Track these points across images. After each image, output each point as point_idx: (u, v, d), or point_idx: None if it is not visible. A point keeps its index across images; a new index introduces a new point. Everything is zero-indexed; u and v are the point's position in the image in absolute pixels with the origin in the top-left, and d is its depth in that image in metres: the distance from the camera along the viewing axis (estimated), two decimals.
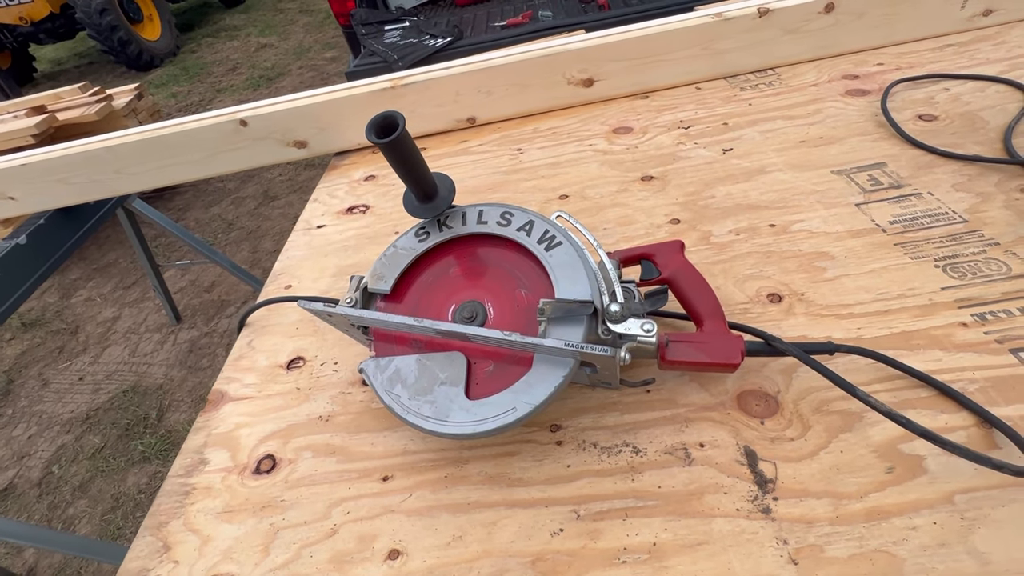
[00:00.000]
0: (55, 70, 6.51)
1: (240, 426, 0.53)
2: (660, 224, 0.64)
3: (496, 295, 0.45)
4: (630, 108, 0.88)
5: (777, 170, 0.68)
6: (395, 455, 0.47)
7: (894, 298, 0.49)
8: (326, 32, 5.64)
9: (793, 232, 0.59)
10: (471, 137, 0.91)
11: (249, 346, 0.62)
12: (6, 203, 0.99)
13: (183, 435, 1.83)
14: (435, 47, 1.80)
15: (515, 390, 0.40)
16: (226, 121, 0.89)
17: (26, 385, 2.20)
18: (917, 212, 0.57)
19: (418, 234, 0.49)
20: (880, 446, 0.40)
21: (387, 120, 0.40)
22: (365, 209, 0.80)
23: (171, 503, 0.47)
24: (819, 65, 0.87)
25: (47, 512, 1.69)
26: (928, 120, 0.70)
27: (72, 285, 2.71)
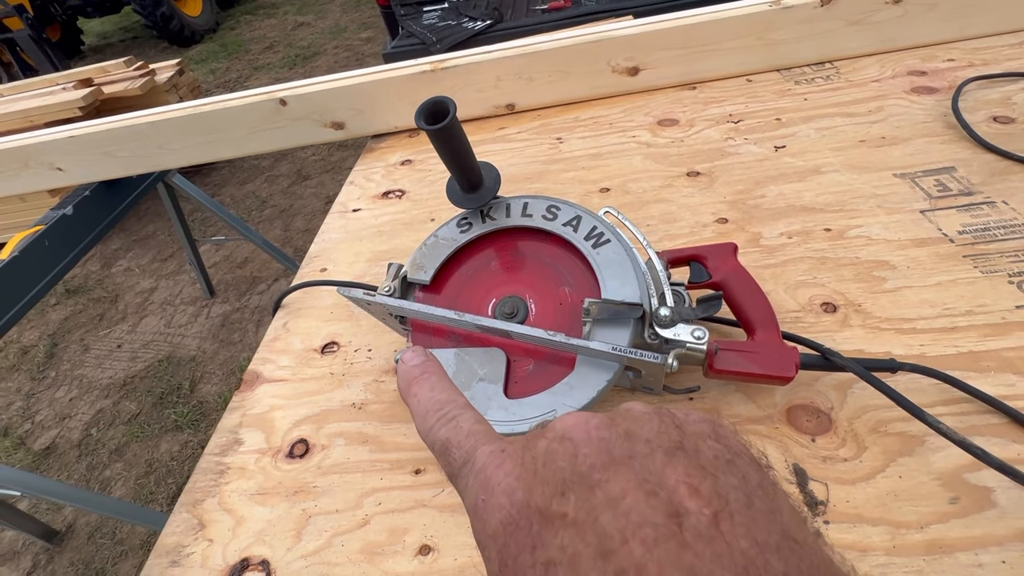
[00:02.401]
0: (101, 43, 6.69)
1: (274, 408, 0.53)
2: (706, 223, 0.62)
3: (538, 291, 0.44)
4: (676, 99, 0.85)
5: (834, 171, 0.64)
6: (427, 448, 0.46)
7: (962, 315, 0.46)
8: (362, 12, 5.64)
9: (850, 238, 0.56)
10: (509, 124, 0.89)
11: (284, 328, 0.62)
12: (54, 174, 1.02)
13: (214, 406, 1.89)
14: (474, 30, 1.77)
15: (556, 392, 0.39)
16: (266, 100, 0.89)
17: (68, 349, 2.30)
18: (990, 222, 0.53)
19: (460, 224, 0.48)
20: (943, 474, 0.37)
21: (437, 106, 0.38)
22: (401, 194, 0.79)
23: (207, 481, 0.48)
24: (882, 59, 0.82)
25: (85, 472, 1.77)
26: (1004, 122, 0.65)
27: (113, 255, 2.81)
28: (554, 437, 0.19)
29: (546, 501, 0.17)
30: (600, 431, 0.19)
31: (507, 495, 0.18)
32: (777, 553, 0.15)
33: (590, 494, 0.17)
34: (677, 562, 0.14)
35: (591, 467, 0.17)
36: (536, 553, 0.16)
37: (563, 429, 0.19)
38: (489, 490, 0.19)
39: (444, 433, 0.22)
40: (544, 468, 0.18)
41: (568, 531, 0.16)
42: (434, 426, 0.23)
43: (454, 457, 0.21)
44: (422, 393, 0.24)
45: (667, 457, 0.17)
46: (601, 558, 0.15)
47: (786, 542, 0.15)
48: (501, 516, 0.18)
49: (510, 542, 0.17)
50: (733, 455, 0.18)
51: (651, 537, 0.15)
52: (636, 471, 0.17)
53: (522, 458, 0.19)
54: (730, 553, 0.14)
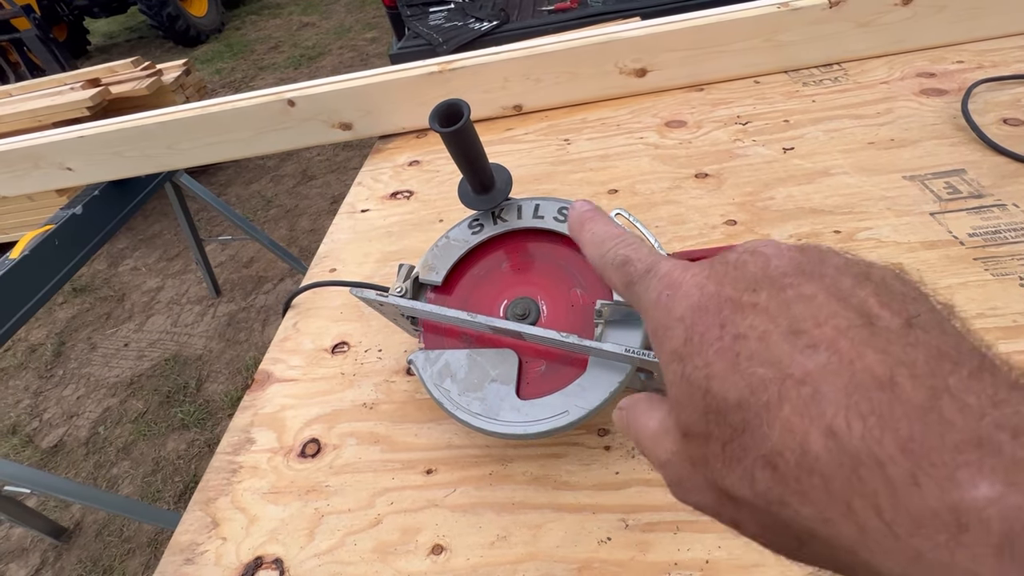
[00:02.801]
0: (107, 43, 6.73)
1: (286, 408, 0.53)
2: (715, 225, 0.62)
3: (550, 293, 0.44)
4: (684, 101, 0.85)
5: (843, 173, 0.64)
6: (439, 448, 0.46)
7: (973, 317, 0.46)
8: (367, 12, 5.65)
9: (860, 240, 0.56)
10: (517, 125, 0.89)
11: (295, 328, 0.63)
12: (64, 173, 1.03)
13: (220, 405, 1.90)
14: (480, 31, 1.78)
15: (568, 393, 0.39)
16: (274, 100, 0.90)
17: (76, 348, 2.31)
18: (1000, 225, 0.53)
19: (471, 226, 0.48)
20: None
21: (452, 108, 0.38)
22: (409, 195, 0.80)
23: (219, 480, 0.48)
24: (891, 61, 0.81)
25: (93, 470, 1.78)
26: (1014, 125, 0.65)
27: (120, 254, 2.82)
28: (744, 250, 0.20)
29: (737, 293, 0.18)
30: (791, 251, 0.19)
31: (697, 287, 0.19)
32: (971, 353, 0.15)
33: (781, 292, 0.17)
34: (870, 343, 0.15)
35: (782, 274, 0.18)
36: (725, 329, 0.17)
37: (754, 245, 0.20)
38: (676, 286, 0.19)
39: (624, 251, 0.23)
40: (735, 271, 0.19)
41: (759, 315, 0.17)
42: (613, 247, 0.24)
43: (635, 268, 0.22)
44: (598, 227, 0.26)
45: (856, 280, 0.17)
46: (792, 335, 0.16)
47: (979, 349, 0.15)
48: (690, 302, 0.18)
49: (697, 321, 0.18)
50: (919, 294, 0.17)
51: (844, 324, 0.15)
52: (827, 283, 0.17)
53: (711, 265, 0.20)
54: (924, 344, 0.14)
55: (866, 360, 0.14)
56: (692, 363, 0.18)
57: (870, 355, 0.14)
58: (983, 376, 0.14)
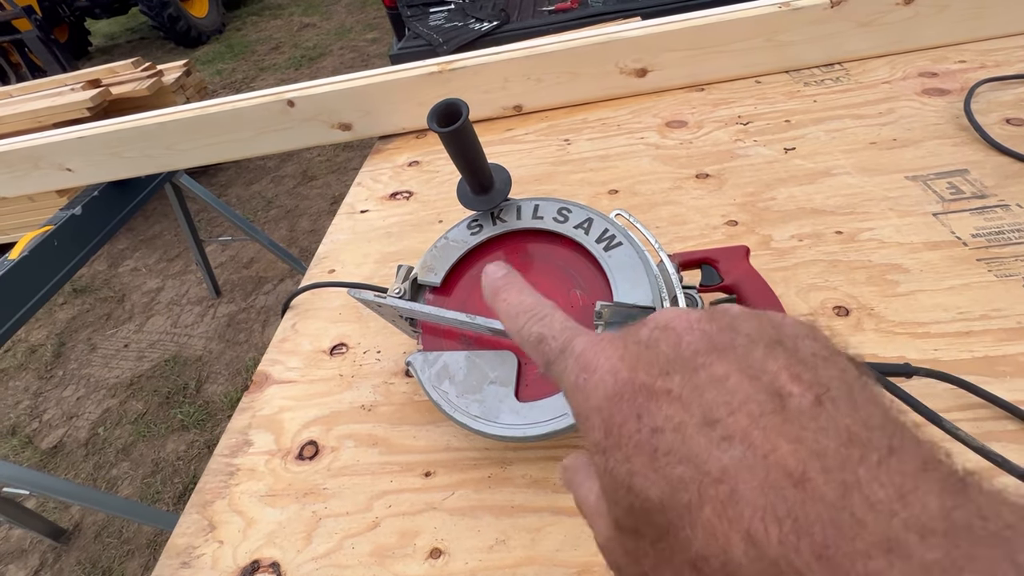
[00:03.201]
0: (108, 44, 6.73)
1: (284, 409, 0.53)
2: (716, 225, 0.61)
3: (549, 294, 0.43)
4: (685, 101, 0.84)
5: (844, 173, 0.64)
6: (437, 451, 0.46)
7: (977, 319, 0.46)
8: (368, 13, 5.65)
9: (862, 241, 0.55)
10: (517, 125, 0.89)
11: (293, 329, 0.62)
12: (64, 174, 1.03)
13: (220, 406, 1.90)
14: (481, 31, 1.78)
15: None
16: (274, 101, 0.90)
17: (76, 348, 2.31)
18: (1004, 226, 0.53)
19: (470, 226, 0.48)
20: None
21: (450, 108, 0.38)
22: (409, 195, 0.79)
23: (216, 482, 0.48)
24: (892, 61, 0.81)
25: (92, 472, 1.78)
26: (1017, 124, 0.64)
27: (120, 255, 2.82)
28: (655, 326, 0.20)
29: (651, 379, 0.18)
30: (701, 324, 0.19)
31: (611, 373, 0.19)
32: (881, 430, 0.15)
33: (694, 374, 0.17)
34: (782, 431, 0.15)
35: (694, 352, 0.18)
36: (642, 420, 0.17)
37: (665, 320, 0.20)
38: (591, 369, 0.19)
39: (537, 329, 0.23)
40: (647, 351, 0.19)
41: (673, 404, 0.17)
42: (526, 324, 0.24)
43: (550, 347, 0.22)
44: (511, 297, 0.25)
45: (767, 349, 0.17)
46: (707, 426, 0.16)
47: (889, 423, 0.15)
48: (606, 390, 0.18)
49: (615, 412, 0.18)
50: (831, 353, 0.18)
51: (756, 411, 0.15)
52: (738, 358, 0.17)
53: (624, 343, 0.20)
54: (835, 427, 0.15)
55: (780, 452, 0.14)
56: (614, 458, 0.17)
57: (783, 446, 0.14)
58: (891, 462, 0.14)
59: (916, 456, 0.14)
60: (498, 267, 0.27)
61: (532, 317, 0.23)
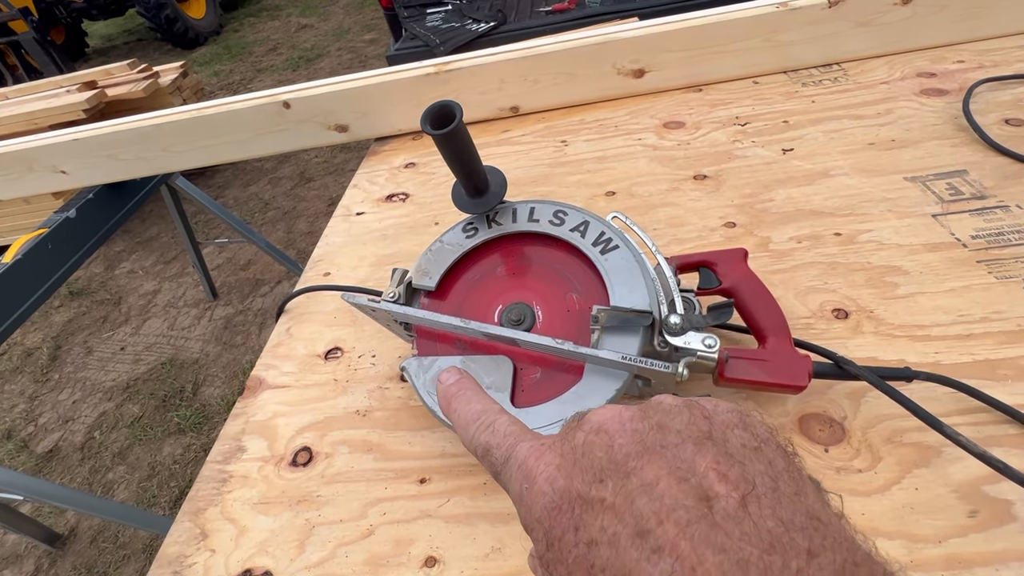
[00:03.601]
0: (105, 46, 6.71)
1: (278, 415, 0.52)
2: (714, 227, 0.61)
3: (545, 298, 0.43)
4: (682, 101, 0.84)
5: (843, 174, 0.64)
6: (433, 456, 0.45)
7: (977, 321, 0.45)
8: (365, 14, 5.65)
9: (861, 242, 0.55)
10: (514, 127, 0.88)
11: (287, 333, 0.62)
12: (58, 176, 1.02)
13: (216, 410, 1.89)
14: (478, 32, 1.77)
15: (564, 401, 0.38)
16: (270, 103, 0.89)
17: (72, 352, 2.30)
18: (1003, 227, 0.52)
19: (465, 229, 0.47)
20: (961, 486, 0.36)
21: (444, 110, 0.38)
22: (405, 197, 0.79)
23: (209, 489, 0.47)
24: (891, 61, 0.81)
25: (88, 476, 1.76)
26: (1016, 125, 0.64)
27: (116, 257, 2.81)
28: (590, 429, 0.20)
29: (586, 487, 0.18)
30: (633, 423, 0.20)
31: (549, 483, 0.19)
32: (802, 532, 0.16)
33: (626, 480, 0.18)
34: (708, 540, 0.15)
35: (626, 456, 0.19)
36: (579, 533, 0.18)
37: (599, 422, 0.20)
38: (531, 479, 0.20)
39: (484, 438, 0.24)
40: (583, 458, 0.19)
41: (607, 514, 0.17)
42: (475, 434, 0.24)
43: (495, 457, 0.23)
44: (460, 407, 0.26)
45: (696, 446, 0.18)
46: (639, 537, 0.16)
47: (811, 522, 0.16)
48: (545, 501, 0.19)
49: (555, 524, 0.19)
50: (760, 443, 0.18)
51: (684, 519, 0.16)
52: (668, 459, 0.18)
53: (561, 450, 0.20)
54: (757, 532, 0.15)
55: (706, 566, 0.15)
56: (557, 572, 0.18)
57: (709, 559, 0.15)
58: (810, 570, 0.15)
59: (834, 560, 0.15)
60: (450, 374, 0.28)
61: (480, 426, 0.24)
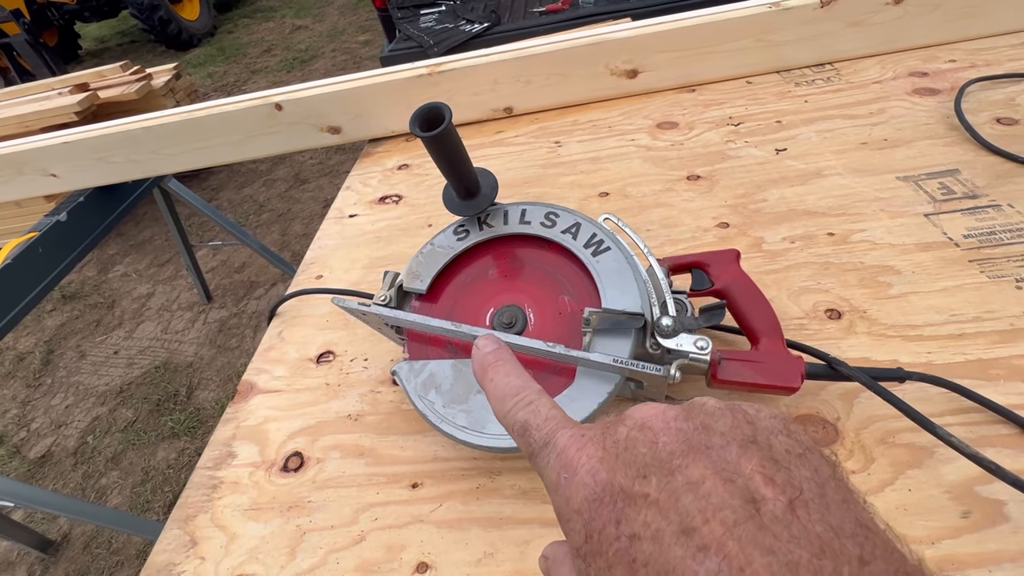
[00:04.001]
0: (98, 48, 6.68)
1: (269, 420, 0.52)
2: (707, 228, 0.61)
3: (537, 300, 0.43)
4: (676, 102, 0.84)
5: (836, 174, 0.64)
6: (425, 461, 0.45)
7: (969, 321, 0.45)
8: (360, 15, 5.63)
9: (854, 242, 0.55)
10: (507, 128, 0.88)
11: (279, 337, 0.61)
12: (49, 180, 1.01)
13: (211, 413, 1.87)
14: (471, 32, 1.77)
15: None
16: (261, 104, 0.88)
17: (65, 356, 2.28)
18: (995, 226, 0.53)
19: (457, 232, 0.47)
20: (954, 487, 0.36)
21: (432, 112, 0.37)
22: (398, 199, 0.78)
23: (199, 496, 0.47)
24: (883, 61, 0.81)
25: (81, 481, 1.75)
26: (1008, 124, 0.64)
27: (110, 260, 2.79)
28: (633, 425, 0.20)
29: (629, 482, 0.18)
30: (677, 422, 0.19)
31: (591, 475, 0.19)
32: (852, 539, 0.15)
33: (670, 478, 0.17)
34: (756, 542, 0.15)
35: (670, 454, 0.18)
36: (621, 527, 0.17)
37: (642, 419, 0.20)
38: (572, 469, 0.20)
39: (523, 416, 0.23)
40: (625, 452, 0.19)
41: (651, 510, 0.17)
42: (512, 409, 0.24)
43: (534, 438, 0.22)
44: (499, 378, 0.25)
45: (741, 449, 0.18)
46: (683, 534, 0.16)
47: (860, 529, 0.16)
48: (586, 493, 0.19)
49: (595, 516, 0.18)
50: (804, 449, 0.18)
51: (731, 519, 0.16)
52: (713, 460, 0.18)
53: (603, 443, 0.20)
54: (807, 536, 0.15)
55: (754, 567, 0.15)
56: (595, 565, 0.18)
57: (758, 559, 0.15)
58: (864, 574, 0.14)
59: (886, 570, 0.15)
60: (488, 341, 0.27)
61: (519, 402, 0.24)
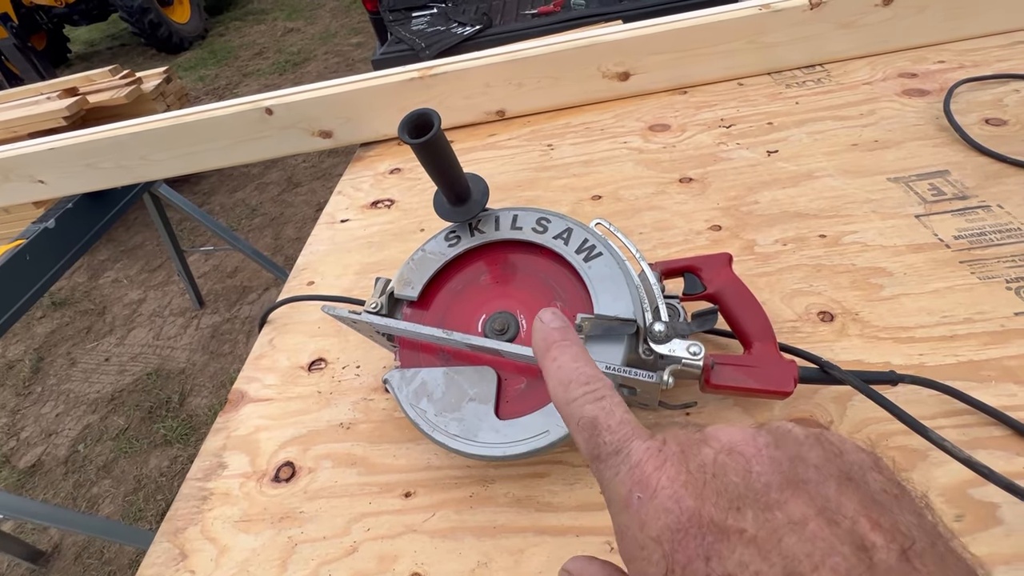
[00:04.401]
0: (88, 51, 6.62)
1: (260, 429, 0.51)
2: (700, 231, 0.61)
3: (529, 306, 0.43)
4: (668, 104, 0.84)
5: (827, 175, 0.64)
6: (418, 470, 0.45)
7: (960, 322, 0.45)
8: (352, 17, 5.62)
9: (846, 244, 0.55)
10: (500, 131, 0.88)
11: (270, 344, 0.60)
12: (36, 186, 1.00)
13: (203, 420, 1.86)
14: (463, 35, 1.76)
15: (548, 411, 0.37)
16: (251, 109, 0.88)
17: (55, 364, 2.26)
18: (985, 227, 0.53)
19: (448, 238, 0.47)
20: (947, 490, 0.36)
21: (421, 119, 0.37)
22: (390, 204, 0.78)
23: (188, 508, 0.46)
24: (873, 62, 0.81)
25: (72, 490, 1.73)
26: (996, 124, 0.65)
27: (100, 266, 2.77)
28: (721, 448, 0.18)
29: (721, 514, 0.16)
30: (770, 449, 0.18)
31: (675, 500, 0.17)
32: None
33: (769, 514, 0.16)
34: None
35: (766, 486, 0.17)
36: (711, 564, 0.16)
37: (730, 442, 0.19)
38: (649, 489, 0.18)
39: (592, 411, 0.21)
40: (714, 479, 0.17)
41: (748, 548, 0.16)
42: (579, 399, 0.21)
43: (604, 441, 0.20)
44: (564, 360, 0.23)
45: (839, 486, 0.17)
46: None
47: None
48: (668, 520, 0.17)
49: (679, 548, 0.17)
50: (899, 490, 0.17)
51: (842, 567, 0.14)
52: (812, 496, 0.16)
53: (686, 465, 0.18)
54: None
55: None
56: None
57: None
58: None
59: None
60: (554, 316, 0.25)
61: (589, 394, 0.21)
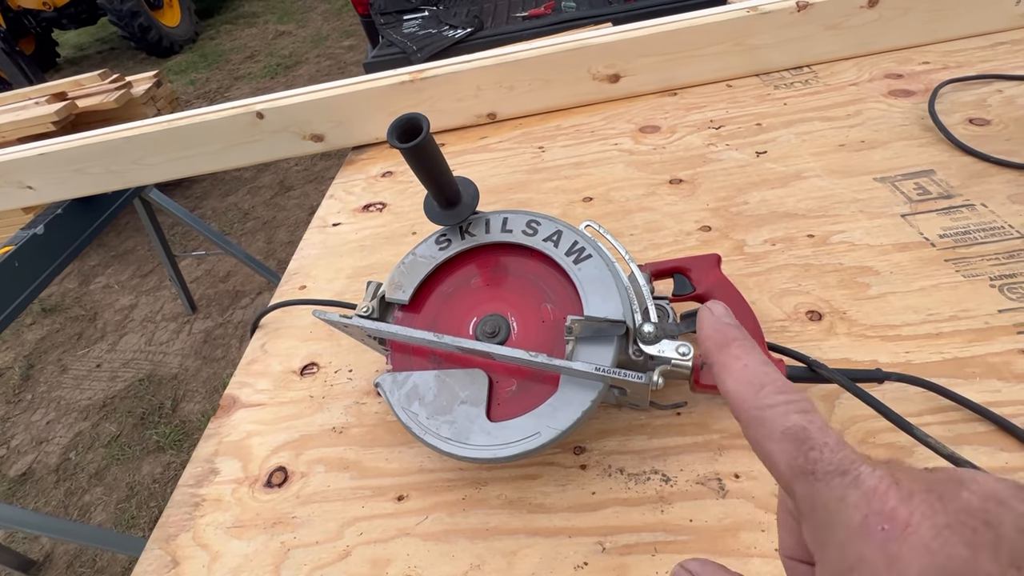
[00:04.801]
0: (77, 55, 6.57)
1: (252, 434, 0.51)
2: (690, 231, 0.61)
3: (520, 309, 0.43)
4: (657, 106, 0.84)
5: (815, 176, 0.64)
6: (411, 473, 0.45)
7: (946, 320, 0.46)
8: (344, 20, 5.61)
9: (833, 244, 0.56)
10: (491, 133, 0.88)
11: (262, 349, 0.60)
12: (25, 192, 0.99)
13: (196, 426, 1.85)
14: (454, 38, 1.77)
15: (539, 413, 0.37)
16: (243, 113, 0.88)
17: (45, 370, 2.24)
18: (970, 225, 0.54)
19: (439, 241, 0.47)
20: None
21: (410, 123, 0.37)
22: (382, 207, 0.78)
23: (180, 514, 0.46)
24: (859, 63, 0.82)
25: (64, 499, 1.71)
26: (980, 124, 0.65)
27: (91, 271, 2.74)
28: (984, 496, 0.16)
29: (999, 570, 0.15)
30: None
31: (941, 545, 0.15)
32: None
33: None
34: None
35: None
36: None
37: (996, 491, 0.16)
38: (898, 524, 0.16)
39: (799, 421, 0.19)
40: (987, 529, 0.15)
41: None
42: (780, 407, 0.19)
43: (821, 457, 0.18)
44: (753, 362, 0.20)
45: None
46: None
47: None
48: (932, 563, 0.15)
49: None
50: None
51: None
52: None
53: (944, 506, 0.16)
54: None
55: None
56: None
57: None
58: None
59: None
60: (727, 311, 0.22)
61: (793, 403, 0.19)
